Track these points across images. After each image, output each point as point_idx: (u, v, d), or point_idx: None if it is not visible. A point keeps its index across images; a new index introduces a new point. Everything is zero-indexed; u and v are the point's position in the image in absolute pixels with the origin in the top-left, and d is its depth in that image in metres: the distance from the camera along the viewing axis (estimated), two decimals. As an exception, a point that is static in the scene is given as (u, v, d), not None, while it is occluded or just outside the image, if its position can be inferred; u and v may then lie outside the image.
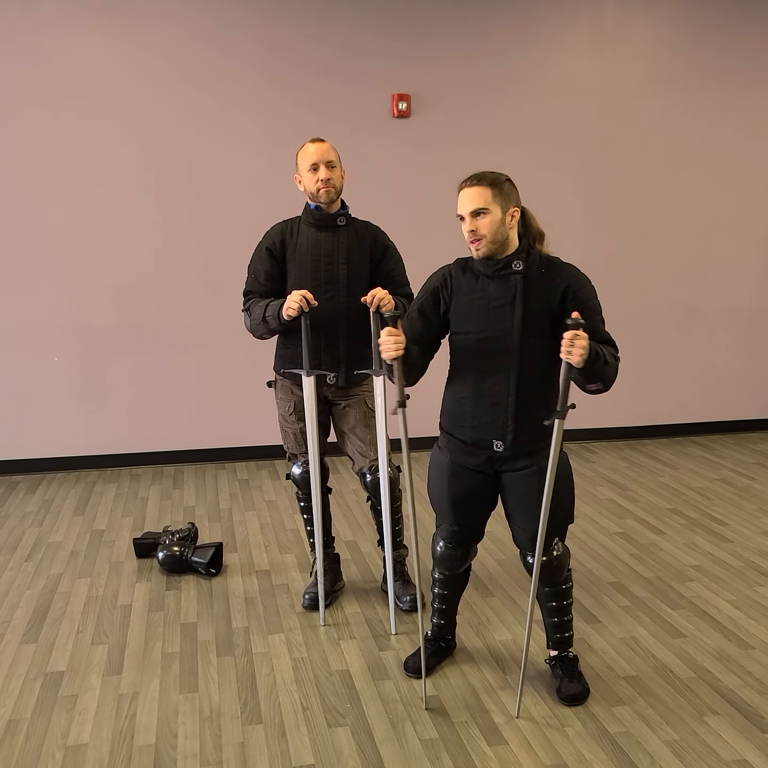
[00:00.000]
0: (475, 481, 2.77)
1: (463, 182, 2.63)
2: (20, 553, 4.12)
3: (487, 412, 2.68)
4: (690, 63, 5.64)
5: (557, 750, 2.55)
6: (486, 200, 2.57)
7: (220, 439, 5.59)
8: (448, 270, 2.77)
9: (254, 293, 3.37)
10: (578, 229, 5.65)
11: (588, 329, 2.50)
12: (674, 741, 2.58)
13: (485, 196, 2.58)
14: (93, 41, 4.99)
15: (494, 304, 2.64)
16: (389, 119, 5.38)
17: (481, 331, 2.66)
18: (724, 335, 6.06)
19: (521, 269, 2.62)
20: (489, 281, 2.67)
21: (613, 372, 2.57)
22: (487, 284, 2.67)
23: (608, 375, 2.56)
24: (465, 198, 2.60)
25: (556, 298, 2.61)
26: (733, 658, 3.05)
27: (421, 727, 2.67)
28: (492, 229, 2.59)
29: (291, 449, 3.52)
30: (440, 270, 2.80)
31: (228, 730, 2.67)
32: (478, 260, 2.68)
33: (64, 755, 2.56)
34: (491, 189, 2.59)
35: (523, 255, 2.64)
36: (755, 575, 3.75)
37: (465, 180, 2.63)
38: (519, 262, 2.63)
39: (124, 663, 3.08)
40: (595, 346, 2.48)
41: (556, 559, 2.76)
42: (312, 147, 3.24)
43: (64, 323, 5.28)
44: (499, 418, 2.66)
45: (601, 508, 4.64)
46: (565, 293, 2.61)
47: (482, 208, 2.57)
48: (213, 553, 3.80)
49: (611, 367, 2.55)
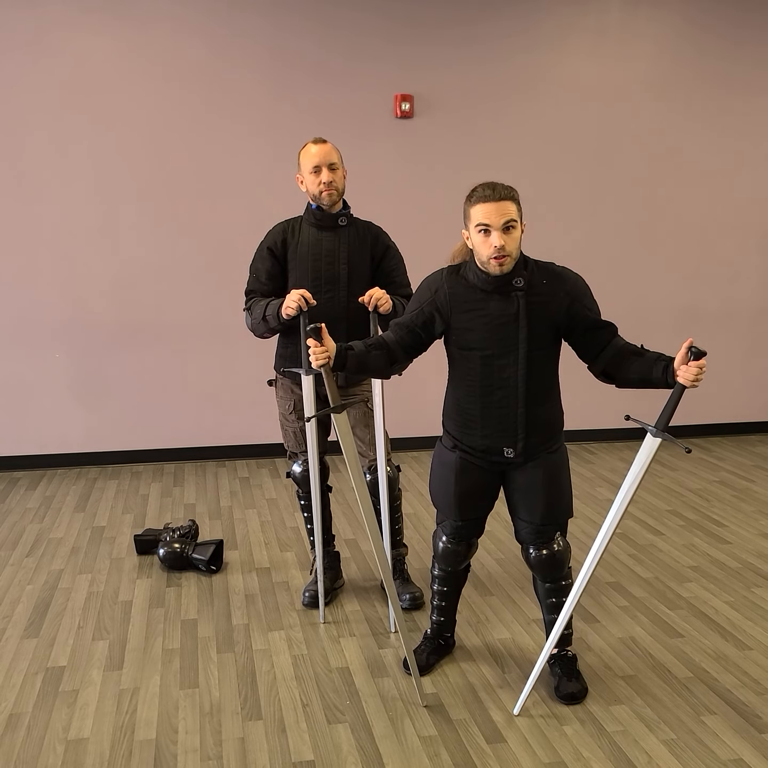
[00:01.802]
0: (481, 476, 2.79)
1: (485, 193, 2.51)
2: (21, 549, 4.13)
3: (496, 423, 2.69)
4: (692, 69, 5.66)
5: (555, 748, 2.56)
6: (515, 213, 2.52)
7: (221, 437, 5.60)
8: (441, 284, 2.68)
9: (255, 292, 3.38)
10: (579, 231, 5.66)
11: (598, 327, 2.66)
12: (671, 740, 2.59)
13: (513, 209, 2.51)
14: (97, 42, 5.00)
15: (497, 321, 2.61)
16: (392, 120, 5.39)
17: (485, 348, 2.63)
18: (724, 337, 6.07)
19: (522, 285, 2.59)
20: (488, 297, 2.61)
21: None
22: (487, 301, 2.62)
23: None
24: (494, 210, 2.49)
25: (561, 311, 2.62)
26: (730, 658, 3.07)
27: (420, 724, 2.69)
28: (517, 246, 2.55)
29: (291, 448, 3.54)
30: (433, 282, 2.71)
31: (228, 725, 2.69)
32: (474, 274, 2.61)
33: (65, 749, 2.58)
34: (516, 204, 2.53)
35: (523, 272, 2.60)
36: (753, 577, 3.77)
37: (485, 190, 2.51)
38: (519, 279, 2.59)
39: (124, 658, 3.10)
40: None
41: (558, 553, 2.78)
42: (314, 148, 3.23)
43: (66, 320, 5.30)
44: (509, 428, 2.67)
45: (600, 508, 4.66)
46: (570, 306, 2.62)
47: (513, 220, 2.50)
48: (213, 550, 3.82)
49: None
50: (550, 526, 2.77)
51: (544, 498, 2.72)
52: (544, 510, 2.73)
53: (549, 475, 2.72)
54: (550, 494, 2.73)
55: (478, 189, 2.55)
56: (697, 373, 2.46)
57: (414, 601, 3.45)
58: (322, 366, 2.63)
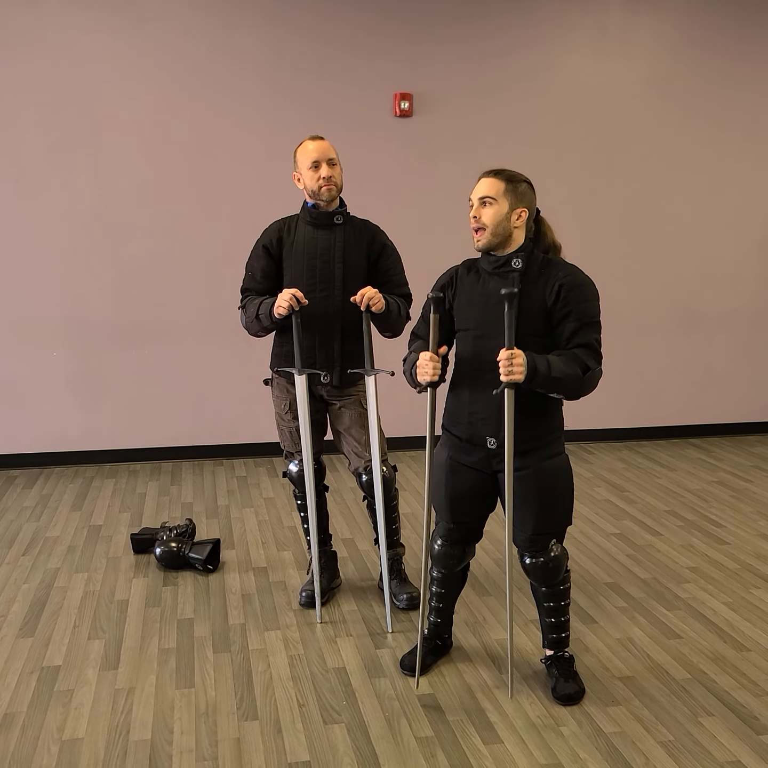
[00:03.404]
0: (472, 479, 2.77)
1: (484, 172, 2.70)
2: (17, 548, 4.12)
3: (482, 409, 2.69)
4: (693, 66, 5.65)
5: (552, 749, 2.55)
6: (497, 192, 2.63)
7: (219, 436, 5.59)
8: (456, 269, 2.83)
9: (251, 291, 3.37)
10: (579, 230, 5.65)
11: (570, 331, 2.59)
12: (669, 742, 2.58)
13: (497, 188, 2.64)
14: (95, 39, 5.00)
15: (492, 301, 2.65)
16: (391, 118, 5.38)
17: (478, 327, 2.69)
18: (723, 338, 6.06)
19: (520, 267, 2.64)
20: (489, 278, 2.70)
21: (573, 383, 2.56)
22: (488, 281, 2.70)
23: (568, 387, 2.57)
24: (479, 185, 2.68)
25: (552, 296, 2.62)
26: (728, 659, 3.06)
27: (416, 724, 2.68)
28: (494, 221, 2.63)
29: (287, 447, 3.52)
30: (449, 270, 2.86)
31: (224, 726, 2.68)
32: (483, 257, 2.72)
33: (59, 749, 2.56)
34: (505, 183, 2.64)
35: (523, 254, 2.65)
36: (751, 578, 3.76)
37: (487, 170, 2.71)
38: (518, 260, 2.64)
39: (120, 658, 3.08)
40: (540, 362, 2.51)
41: (553, 560, 2.75)
42: (312, 144, 3.23)
43: (64, 319, 5.28)
44: (493, 415, 2.66)
45: (599, 509, 4.65)
46: (558, 292, 2.61)
47: (490, 197, 2.63)
48: (210, 549, 3.80)
49: (570, 378, 2.54)
50: (544, 536, 2.73)
51: (538, 508, 2.69)
52: (538, 520, 2.70)
53: (543, 484, 2.69)
54: (544, 504, 2.70)
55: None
56: (504, 366, 2.49)
57: (411, 602, 3.44)
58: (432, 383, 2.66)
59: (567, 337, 2.62)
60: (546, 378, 2.52)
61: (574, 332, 2.60)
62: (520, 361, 2.49)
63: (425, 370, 2.65)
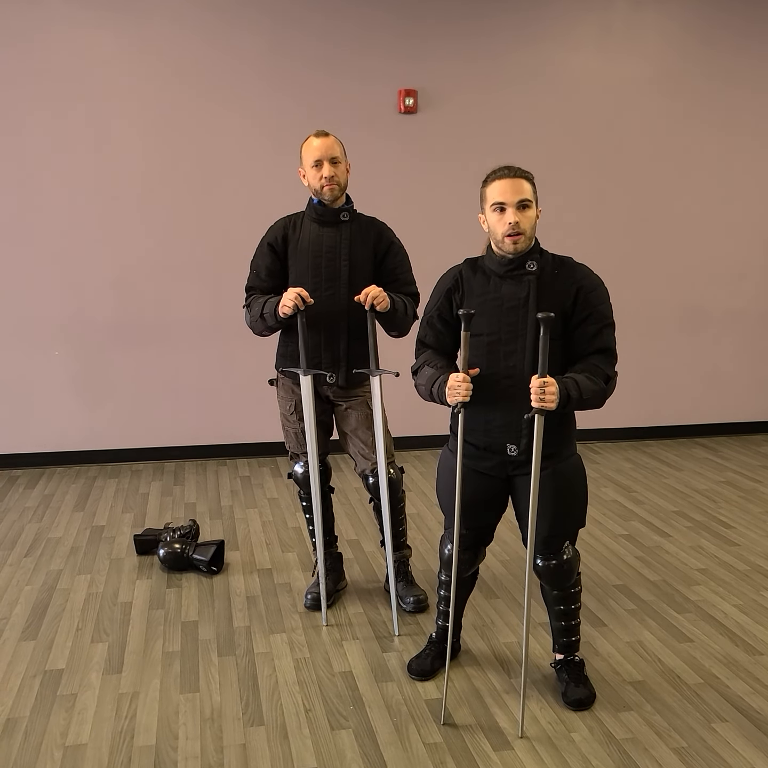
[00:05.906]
0: (486, 485, 2.73)
1: (500, 172, 2.55)
2: (19, 549, 4.08)
3: (500, 416, 2.63)
4: (699, 63, 5.60)
5: (563, 756, 2.51)
6: (530, 193, 2.55)
7: (222, 436, 5.55)
8: (459, 270, 2.72)
9: (255, 289, 3.32)
10: (584, 229, 5.60)
11: (590, 335, 2.57)
12: (682, 748, 2.54)
13: (529, 189, 2.55)
14: (97, 36, 4.95)
15: (507, 305, 2.59)
16: (396, 115, 5.34)
17: (493, 333, 2.61)
18: (730, 337, 6.02)
19: (535, 270, 2.58)
20: (501, 281, 2.62)
21: (599, 399, 2.61)
22: (500, 285, 2.62)
23: (594, 403, 2.61)
24: (510, 187, 2.52)
25: (569, 299, 2.58)
26: (741, 664, 3.01)
27: (425, 730, 2.63)
28: (532, 225, 2.56)
29: (292, 448, 3.48)
30: (450, 271, 2.75)
31: (229, 731, 2.64)
32: (490, 259, 2.63)
33: (63, 755, 2.52)
34: (531, 184, 2.57)
35: (536, 255, 2.60)
36: (762, 579, 3.71)
37: (501, 170, 2.56)
38: (533, 262, 2.58)
39: (124, 661, 3.04)
40: (571, 388, 2.49)
41: (566, 562, 2.71)
42: (316, 142, 3.17)
43: (66, 318, 5.24)
44: (513, 422, 2.61)
45: (606, 509, 4.60)
46: (577, 295, 2.57)
47: (528, 200, 2.53)
48: (214, 550, 3.77)
49: (597, 394, 2.58)
50: (558, 537, 2.70)
51: (552, 510, 2.64)
52: (552, 522, 2.66)
53: (558, 486, 2.65)
54: (559, 506, 2.66)
55: (494, 170, 2.59)
56: (537, 393, 2.45)
57: (418, 604, 3.39)
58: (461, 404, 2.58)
59: (588, 341, 2.59)
60: (577, 402, 2.52)
61: (595, 335, 2.58)
62: (553, 389, 2.45)
63: (458, 392, 2.56)
